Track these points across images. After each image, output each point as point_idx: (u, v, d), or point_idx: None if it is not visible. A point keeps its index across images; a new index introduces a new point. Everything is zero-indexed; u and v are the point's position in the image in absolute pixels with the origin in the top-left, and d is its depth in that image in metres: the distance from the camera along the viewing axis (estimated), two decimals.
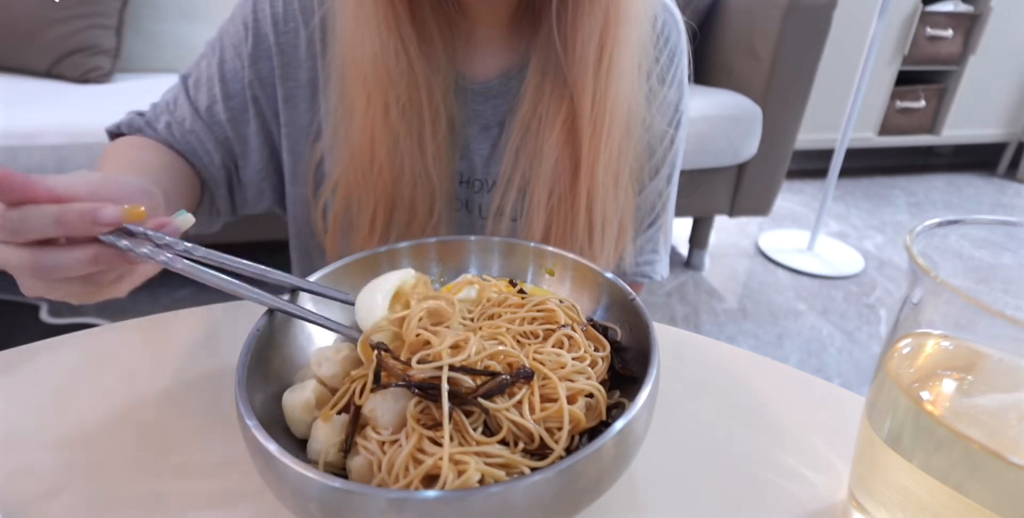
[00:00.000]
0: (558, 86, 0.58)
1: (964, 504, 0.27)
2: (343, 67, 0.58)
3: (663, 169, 0.69)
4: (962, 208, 2.61)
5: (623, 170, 0.61)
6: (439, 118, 0.59)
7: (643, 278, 0.72)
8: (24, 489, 0.36)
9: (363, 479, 0.31)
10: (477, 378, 0.32)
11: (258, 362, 0.34)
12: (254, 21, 0.62)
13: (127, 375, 0.45)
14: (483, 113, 0.63)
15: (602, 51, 0.54)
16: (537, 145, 0.60)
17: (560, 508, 0.28)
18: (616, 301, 0.41)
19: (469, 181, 0.65)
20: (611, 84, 0.56)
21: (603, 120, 0.57)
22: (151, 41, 1.78)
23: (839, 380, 1.57)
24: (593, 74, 0.55)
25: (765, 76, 1.68)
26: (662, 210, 0.71)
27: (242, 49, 0.63)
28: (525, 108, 0.60)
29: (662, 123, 0.66)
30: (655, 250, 0.73)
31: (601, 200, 0.60)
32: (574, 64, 0.55)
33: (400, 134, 0.57)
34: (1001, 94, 2.69)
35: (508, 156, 0.61)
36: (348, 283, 0.42)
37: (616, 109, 0.57)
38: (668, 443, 0.40)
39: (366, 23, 0.55)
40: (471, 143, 0.64)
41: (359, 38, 0.56)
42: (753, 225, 2.34)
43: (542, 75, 0.59)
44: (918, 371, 0.31)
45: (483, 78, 0.63)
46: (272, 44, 0.62)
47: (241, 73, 0.63)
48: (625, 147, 0.60)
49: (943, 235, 0.30)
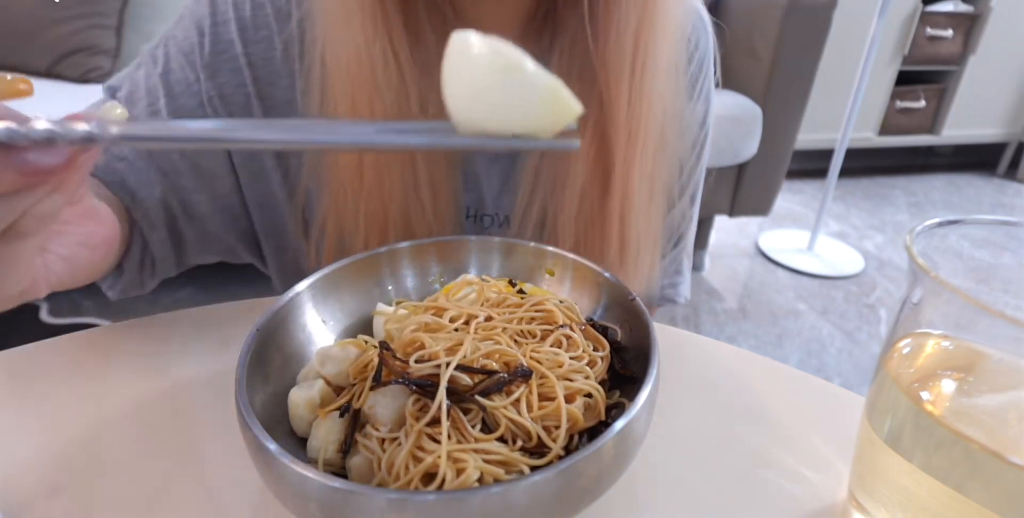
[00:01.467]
0: (583, 94, 0.48)
1: (964, 504, 0.27)
2: (323, 73, 0.50)
3: (688, 189, 0.63)
4: (962, 208, 2.61)
5: (657, 182, 0.54)
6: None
7: (666, 302, 0.66)
8: (24, 489, 0.36)
9: (363, 478, 0.31)
10: (475, 377, 0.32)
11: (258, 362, 0.34)
12: (212, 25, 0.52)
13: (127, 375, 0.45)
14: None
15: (637, 47, 0.49)
16: (559, 171, 0.52)
17: (560, 508, 0.28)
18: (616, 301, 0.41)
19: (477, 216, 0.57)
20: (647, 83, 0.50)
21: (639, 126, 0.50)
22: (151, 41, 1.78)
23: (839, 380, 1.57)
24: (629, 73, 0.49)
25: (765, 76, 1.68)
26: (685, 230, 0.66)
27: (195, 58, 0.52)
28: None
29: (687, 143, 0.60)
30: (679, 271, 0.67)
31: (635, 219, 0.53)
32: (608, 60, 0.49)
33: (390, 156, 0.50)
34: (1001, 94, 2.70)
35: (524, 189, 0.54)
36: (348, 284, 0.42)
37: (653, 109, 0.51)
38: (668, 443, 0.40)
39: (350, 20, 0.47)
40: (479, 174, 0.56)
41: (341, 38, 0.48)
42: (753, 225, 2.34)
43: (568, 70, 0.51)
44: (918, 371, 0.31)
45: None
46: (240, 54, 0.52)
47: (195, 86, 0.52)
48: (660, 154, 0.54)
49: (943, 235, 0.30)
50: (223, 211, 0.57)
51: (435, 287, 0.45)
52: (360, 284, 0.43)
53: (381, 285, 0.44)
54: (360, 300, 0.43)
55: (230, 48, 0.52)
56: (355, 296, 0.42)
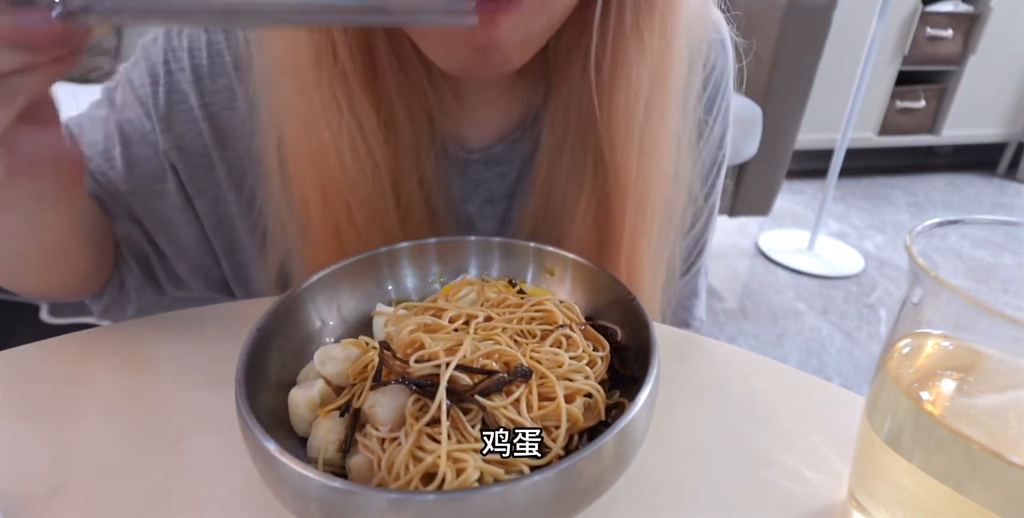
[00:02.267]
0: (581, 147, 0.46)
1: (964, 504, 0.27)
2: (285, 157, 0.45)
3: (704, 213, 0.59)
4: (962, 208, 2.61)
5: (664, 244, 0.51)
6: (411, 212, 0.48)
7: (680, 326, 0.63)
8: (24, 489, 0.36)
9: (363, 478, 0.31)
10: (474, 377, 0.32)
11: (258, 362, 0.34)
12: (166, 74, 0.48)
13: (127, 375, 0.45)
14: (485, 184, 0.52)
15: (650, 108, 0.44)
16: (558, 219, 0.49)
17: (560, 508, 0.28)
18: (616, 301, 0.41)
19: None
20: (658, 146, 0.45)
21: (647, 191, 0.46)
22: None
23: (839, 380, 1.57)
24: (638, 143, 0.44)
25: (765, 76, 1.68)
26: (700, 253, 0.63)
27: (150, 108, 0.49)
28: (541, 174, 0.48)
29: (705, 165, 0.57)
30: (694, 294, 0.64)
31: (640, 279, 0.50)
32: (614, 128, 0.44)
33: (369, 233, 0.47)
34: (1001, 94, 2.70)
35: (522, 235, 0.51)
36: (348, 284, 0.42)
37: (662, 174, 0.47)
38: (668, 443, 0.40)
39: (310, 107, 0.42)
40: (473, 219, 0.53)
41: (303, 126, 0.43)
42: (753, 225, 2.34)
43: (562, 135, 0.47)
44: (918, 371, 0.31)
45: (481, 143, 0.51)
46: (196, 106, 0.48)
47: (152, 136, 0.49)
48: (668, 223, 0.50)
49: (943, 235, 0.30)
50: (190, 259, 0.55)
51: (435, 287, 0.45)
52: (360, 284, 0.43)
53: (381, 285, 0.44)
54: (360, 300, 0.43)
55: (185, 99, 0.48)
56: (355, 296, 0.42)
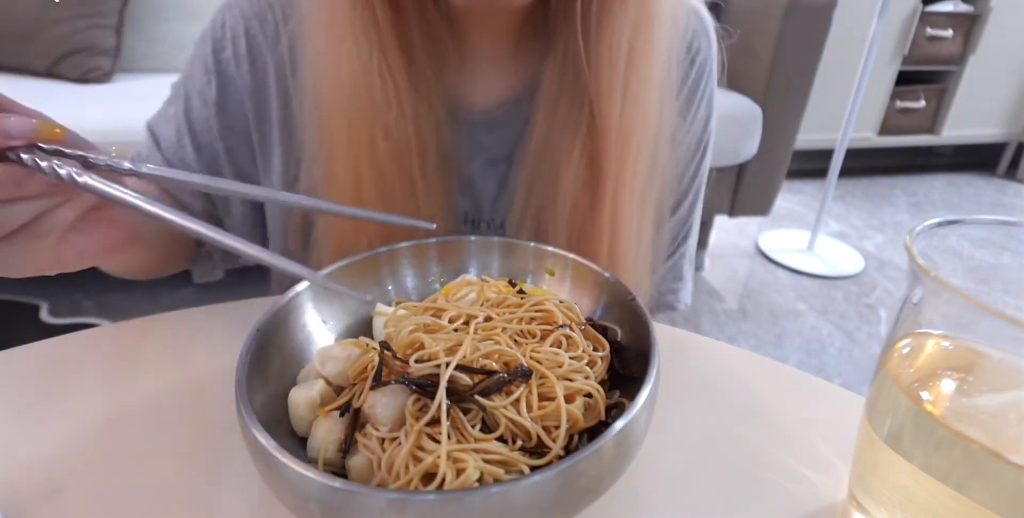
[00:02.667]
0: (575, 106, 0.50)
1: (964, 504, 0.27)
2: (317, 93, 0.50)
3: (688, 195, 0.63)
4: (962, 208, 2.61)
5: (648, 195, 0.54)
6: (430, 152, 0.52)
7: (666, 308, 0.66)
8: (24, 489, 0.36)
9: (363, 478, 0.31)
10: (474, 377, 0.32)
11: (258, 362, 0.34)
12: (216, 64, 0.55)
13: (127, 375, 0.45)
14: (487, 146, 0.55)
15: (631, 59, 0.48)
16: (553, 177, 0.52)
17: (560, 508, 0.28)
18: (616, 301, 0.41)
19: (475, 222, 0.58)
20: (640, 100, 0.49)
21: (631, 138, 0.50)
22: (151, 41, 1.78)
23: (839, 380, 1.57)
24: (622, 85, 0.48)
25: (765, 76, 1.68)
26: (685, 236, 0.66)
27: (208, 96, 0.56)
28: (538, 135, 0.52)
29: (689, 148, 0.60)
30: (679, 277, 0.67)
31: (626, 232, 0.53)
32: (601, 74, 0.48)
33: (389, 170, 0.50)
34: (1001, 94, 2.69)
35: (520, 193, 0.54)
36: (348, 284, 0.42)
37: (644, 129, 0.51)
38: (668, 443, 0.40)
39: (342, 40, 0.47)
40: (475, 180, 0.57)
41: (334, 57, 0.48)
42: (753, 225, 2.34)
43: (557, 95, 0.51)
44: (918, 371, 0.31)
45: (484, 106, 0.55)
46: (241, 87, 0.55)
47: (211, 122, 0.56)
48: (652, 171, 0.53)
49: (943, 235, 0.30)
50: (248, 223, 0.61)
51: (435, 287, 0.45)
52: (360, 284, 0.43)
53: (381, 285, 0.44)
54: (360, 300, 0.43)
55: (232, 82, 0.55)
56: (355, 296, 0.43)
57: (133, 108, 0.61)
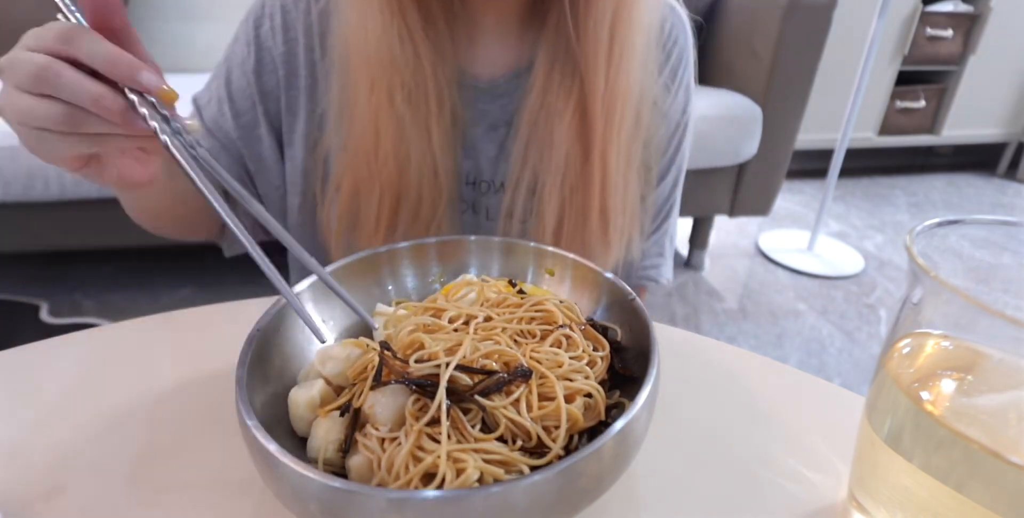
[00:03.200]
0: (567, 74, 0.57)
1: (964, 504, 0.27)
2: (345, 53, 0.57)
3: (669, 173, 0.69)
4: (962, 208, 2.61)
5: (634, 153, 0.61)
6: (444, 108, 0.58)
7: (648, 281, 0.71)
8: (24, 489, 0.36)
9: (363, 478, 0.31)
10: (474, 377, 0.32)
11: (258, 362, 0.34)
12: (256, 37, 0.62)
13: (127, 375, 0.45)
14: (490, 112, 0.62)
15: (614, 30, 0.55)
16: (547, 137, 0.59)
17: (560, 508, 0.28)
18: (616, 301, 0.41)
19: (476, 183, 0.63)
20: (623, 63, 0.56)
21: (615, 101, 0.57)
22: (151, 41, 1.78)
23: (839, 380, 1.57)
24: (606, 53, 0.55)
25: (765, 76, 1.68)
26: (667, 214, 0.71)
27: (247, 66, 0.63)
28: (533, 102, 0.59)
29: (669, 128, 0.66)
30: (660, 253, 0.72)
31: (614, 185, 0.59)
32: (587, 43, 0.55)
33: (406, 121, 0.57)
34: (1001, 94, 2.69)
35: (517, 154, 0.60)
36: (348, 284, 0.42)
37: (628, 89, 0.57)
38: (668, 443, 0.40)
39: (368, 5, 0.54)
40: (477, 143, 0.62)
41: (361, 21, 0.55)
42: (753, 225, 2.34)
43: (551, 65, 0.58)
44: (918, 371, 0.31)
45: (489, 76, 0.61)
46: (275, 57, 0.62)
47: (248, 90, 0.63)
48: (635, 130, 0.60)
49: (943, 235, 0.30)
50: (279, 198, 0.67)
51: (435, 287, 0.45)
52: (360, 284, 0.43)
53: (381, 285, 0.44)
54: (360, 300, 0.43)
55: (268, 54, 0.62)
56: (355, 296, 0.42)
57: None
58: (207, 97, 0.65)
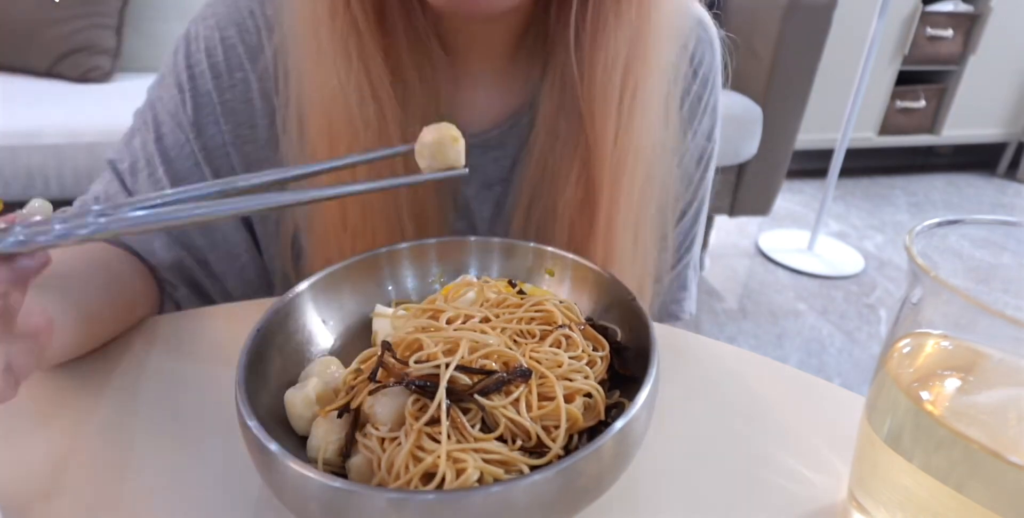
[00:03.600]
0: (572, 129, 0.48)
1: (964, 504, 0.27)
2: (300, 109, 0.47)
3: (691, 209, 0.61)
4: (962, 208, 2.61)
5: (644, 215, 0.52)
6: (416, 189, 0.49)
7: (671, 319, 0.65)
8: (24, 490, 0.36)
9: (363, 478, 0.31)
10: (474, 377, 0.32)
11: (258, 362, 0.34)
12: (190, 79, 0.50)
13: (127, 375, 0.45)
14: (483, 168, 0.53)
15: (626, 78, 0.45)
16: (551, 201, 0.51)
17: (560, 507, 0.28)
18: (616, 301, 0.41)
19: None
20: (635, 120, 0.47)
21: (626, 161, 0.48)
22: (151, 41, 1.78)
23: (839, 380, 1.57)
24: (617, 106, 0.46)
25: (765, 76, 1.68)
26: (689, 247, 0.65)
27: (182, 117, 0.50)
28: (536, 159, 0.50)
29: (692, 159, 0.58)
30: (683, 287, 0.65)
31: (619, 254, 0.52)
32: (594, 95, 0.46)
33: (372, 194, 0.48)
34: (1001, 94, 2.69)
35: (518, 219, 0.53)
36: (350, 284, 0.42)
37: (640, 146, 0.48)
38: (668, 443, 0.40)
39: (323, 54, 0.44)
40: (470, 203, 0.55)
41: (316, 73, 0.45)
42: (753, 225, 2.34)
43: (555, 118, 0.49)
44: (918, 371, 0.31)
45: (479, 128, 0.53)
46: (217, 104, 0.50)
47: (187, 147, 0.51)
48: (647, 189, 0.51)
49: (943, 235, 0.30)
50: (240, 267, 0.56)
51: (435, 288, 0.45)
52: (360, 285, 0.43)
53: (381, 286, 0.44)
54: (360, 300, 0.43)
55: (209, 101, 0.51)
56: (355, 296, 0.43)
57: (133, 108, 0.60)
58: (129, 160, 0.51)
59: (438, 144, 0.35)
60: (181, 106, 0.50)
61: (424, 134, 0.36)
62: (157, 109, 0.51)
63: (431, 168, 0.36)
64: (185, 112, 0.50)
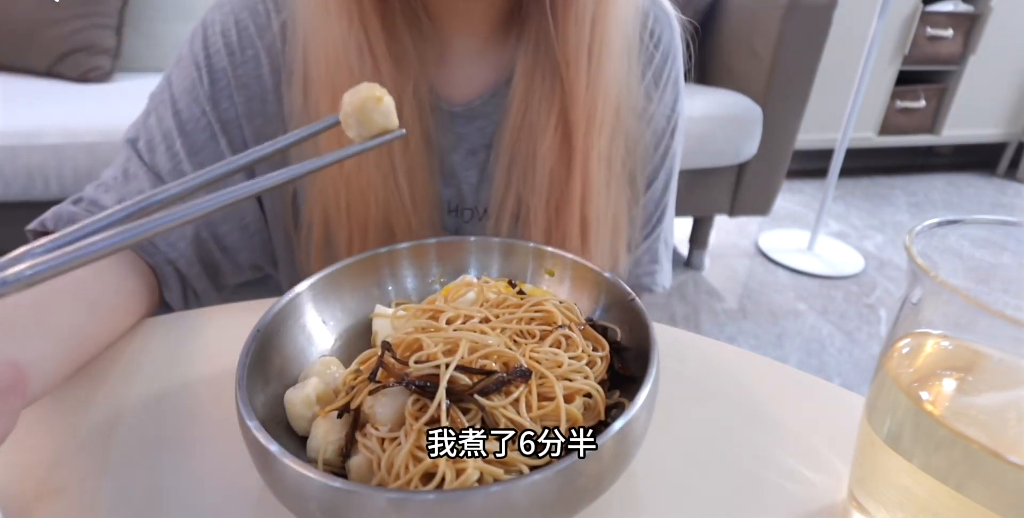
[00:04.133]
0: (548, 84, 0.53)
1: (964, 504, 0.27)
2: (304, 67, 0.51)
3: (659, 178, 0.65)
4: (962, 208, 2.61)
5: (615, 160, 0.57)
6: (410, 136, 0.53)
7: (642, 290, 0.68)
8: (24, 490, 0.36)
9: (363, 478, 0.31)
10: (473, 377, 0.32)
11: (258, 362, 0.34)
12: (206, 58, 0.54)
13: (127, 375, 0.45)
14: (468, 137, 0.58)
15: (594, 28, 0.51)
16: (529, 158, 0.55)
17: (560, 507, 0.28)
18: (616, 301, 0.41)
19: (458, 210, 0.60)
20: (602, 72, 0.53)
21: (595, 110, 0.53)
22: (151, 41, 1.78)
23: (839, 380, 1.57)
24: (586, 54, 0.52)
25: (765, 76, 1.68)
26: (659, 218, 0.68)
27: (199, 93, 0.54)
28: (513, 121, 0.55)
29: (659, 123, 0.62)
30: (655, 260, 0.69)
31: (596, 194, 0.56)
32: (567, 44, 0.51)
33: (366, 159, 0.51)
34: (1001, 94, 2.69)
35: (499, 180, 0.56)
36: (348, 284, 0.42)
37: (608, 92, 0.54)
38: (668, 443, 0.40)
39: (327, 17, 0.49)
40: (457, 170, 0.58)
41: (320, 32, 0.50)
42: (753, 225, 2.34)
43: (530, 78, 0.54)
44: (918, 371, 0.31)
45: (464, 99, 0.57)
46: (231, 78, 0.54)
47: (203, 119, 0.54)
48: (616, 134, 0.56)
49: (943, 235, 0.30)
50: (250, 237, 0.59)
51: (435, 288, 0.45)
52: (360, 285, 0.43)
53: (381, 286, 0.44)
54: (360, 301, 0.43)
55: (224, 76, 0.54)
56: (355, 297, 0.43)
57: (133, 108, 0.60)
58: (147, 136, 0.54)
59: (360, 110, 0.32)
60: (199, 82, 0.54)
61: (344, 101, 0.32)
62: (174, 88, 0.55)
63: (362, 137, 0.33)
64: (202, 86, 0.54)
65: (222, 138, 0.55)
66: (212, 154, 0.54)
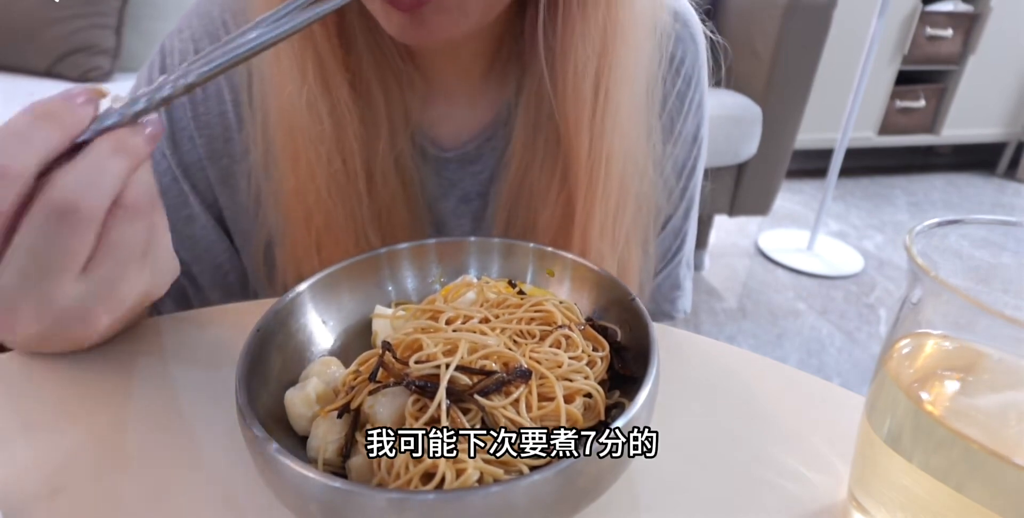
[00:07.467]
0: (551, 141, 0.48)
1: (964, 504, 0.27)
2: (264, 114, 0.47)
3: (682, 202, 0.60)
4: (962, 208, 2.61)
5: (620, 227, 0.51)
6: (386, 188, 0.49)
7: (664, 318, 0.64)
8: (25, 490, 0.36)
9: (363, 478, 0.31)
10: (473, 377, 0.32)
11: (258, 363, 0.34)
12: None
13: (127, 375, 0.45)
14: (460, 183, 0.53)
15: (598, 86, 0.45)
16: (531, 215, 0.50)
17: (560, 508, 0.28)
18: (616, 301, 0.41)
19: None
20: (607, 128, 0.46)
21: (598, 172, 0.47)
22: (151, 41, 1.78)
23: (839, 380, 1.57)
24: (589, 117, 0.45)
25: (765, 76, 1.68)
26: (680, 246, 0.63)
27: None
28: (515, 173, 0.50)
29: (675, 167, 0.57)
30: (676, 286, 0.65)
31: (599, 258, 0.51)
32: (567, 106, 0.45)
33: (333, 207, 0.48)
34: (1001, 94, 2.70)
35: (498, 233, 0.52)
36: (348, 285, 0.42)
37: (612, 158, 0.47)
38: (668, 443, 0.40)
39: (286, 67, 0.44)
40: (448, 218, 0.54)
41: (278, 84, 0.45)
42: (753, 225, 2.34)
43: (533, 130, 0.48)
44: (918, 371, 0.31)
45: (454, 143, 0.52)
46: (190, 118, 0.50)
47: (164, 163, 0.50)
48: (623, 201, 0.50)
49: (943, 235, 0.30)
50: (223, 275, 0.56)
51: (435, 288, 0.45)
52: (360, 285, 0.43)
53: (381, 286, 0.44)
54: (360, 301, 0.43)
55: (183, 115, 0.50)
56: (355, 297, 0.43)
57: None
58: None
59: None
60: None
61: None
62: None
63: None
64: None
65: (184, 182, 0.51)
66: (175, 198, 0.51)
